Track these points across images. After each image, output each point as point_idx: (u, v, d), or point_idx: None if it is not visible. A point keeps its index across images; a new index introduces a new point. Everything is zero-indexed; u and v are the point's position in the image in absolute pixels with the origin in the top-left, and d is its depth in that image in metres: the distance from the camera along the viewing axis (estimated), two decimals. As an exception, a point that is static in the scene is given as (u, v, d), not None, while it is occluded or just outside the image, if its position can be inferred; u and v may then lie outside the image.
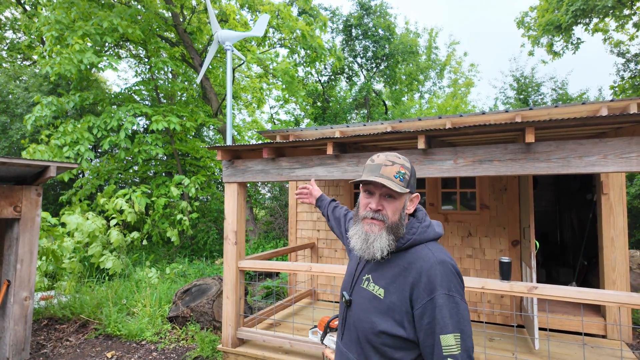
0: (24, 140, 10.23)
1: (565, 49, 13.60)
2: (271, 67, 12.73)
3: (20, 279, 4.15)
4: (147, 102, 11.94)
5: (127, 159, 10.62)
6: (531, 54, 14.98)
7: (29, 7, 13.35)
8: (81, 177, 11.67)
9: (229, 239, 4.03)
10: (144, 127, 12.83)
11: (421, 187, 5.18)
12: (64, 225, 7.59)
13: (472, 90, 24.85)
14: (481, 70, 45.69)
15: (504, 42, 49.98)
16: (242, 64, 12.57)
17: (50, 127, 10.09)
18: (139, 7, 10.51)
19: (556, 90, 14.67)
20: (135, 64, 14.26)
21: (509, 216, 4.67)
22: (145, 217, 8.90)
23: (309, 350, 3.70)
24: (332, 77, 16.17)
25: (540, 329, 4.16)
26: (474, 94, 40.36)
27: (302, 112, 15.85)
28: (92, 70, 11.43)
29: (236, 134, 13.98)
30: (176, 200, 9.01)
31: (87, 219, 7.23)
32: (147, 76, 11.98)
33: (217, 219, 11.41)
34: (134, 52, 13.11)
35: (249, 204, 11.22)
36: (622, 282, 4.12)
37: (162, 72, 11.92)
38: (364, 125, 4.87)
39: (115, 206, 7.56)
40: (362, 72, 16.31)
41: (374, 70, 16.14)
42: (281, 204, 11.77)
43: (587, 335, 4.22)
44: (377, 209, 1.34)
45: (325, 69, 15.76)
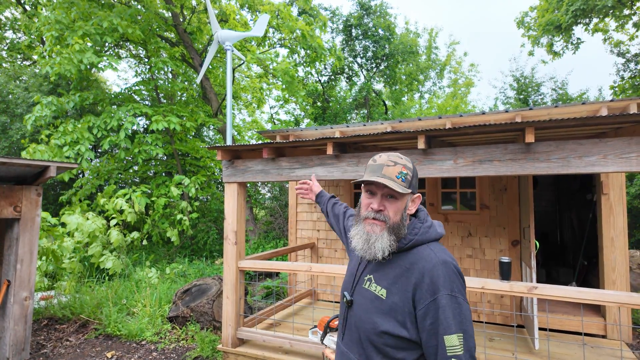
0: (24, 140, 10.22)
1: (565, 49, 13.60)
2: (271, 67, 12.71)
3: (20, 279, 4.16)
4: (147, 102, 11.94)
5: (127, 159, 10.62)
6: (531, 54, 14.98)
7: (29, 7, 13.34)
8: (81, 177, 11.67)
9: (229, 239, 4.04)
10: (144, 127, 12.83)
11: (421, 187, 5.18)
12: (64, 225, 7.59)
13: (472, 90, 24.89)
14: (481, 70, 45.78)
15: (504, 42, 50.07)
16: (242, 64, 12.57)
17: (50, 127, 10.09)
18: (139, 7, 10.51)
19: (556, 90, 14.67)
20: (135, 64, 14.26)
21: (509, 216, 4.67)
22: (145, 217, 8.90)
23: (309, 350, 3.70)
24: (332, 77, 16.16)
25: (540, 329, 4.16)
26: (474, 94, 40.42)
27: (302, 112, 15.85)
28: (92, 70, 11.43)
29: (236, 134, 13.98)
30: (176, 200, 9.01)
31: (87, 219, 7.23)
32: (147, 76, 11.98)
33: (217, 219, 11.41)
34: (134, 52, 13.11)
35: (249, 204, 11.22)
36: (622, 282, 4.13)
37: (162, 72, 11.92)
38: (364, 125, 4.87)
39: (115, 206, 7.56)
40: (362, 72, 16.31)
41: (374, 70, 16.14)
42: (281, 204, 11.77)
43: (587, 335, 4.22)
44: (379, 210, 1.34)
45: (325, 69, 15.76)
